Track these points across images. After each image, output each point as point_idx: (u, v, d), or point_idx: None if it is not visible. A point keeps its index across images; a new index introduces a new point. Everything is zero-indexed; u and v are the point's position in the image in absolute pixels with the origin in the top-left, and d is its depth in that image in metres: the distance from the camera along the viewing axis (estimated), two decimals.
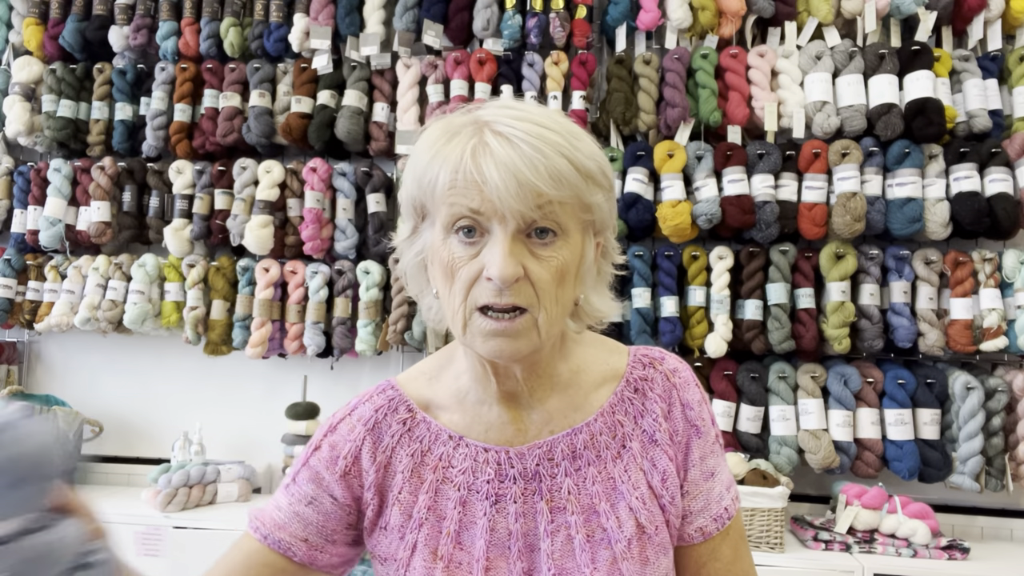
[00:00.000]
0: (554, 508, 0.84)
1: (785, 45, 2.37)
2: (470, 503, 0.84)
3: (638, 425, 0.87)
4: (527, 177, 0.71)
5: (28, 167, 2.68)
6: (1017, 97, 2.26)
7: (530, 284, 0.75)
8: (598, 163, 0.77)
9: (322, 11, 2.51)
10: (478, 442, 0.85)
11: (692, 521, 0.88)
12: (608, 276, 0.87)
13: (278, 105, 2.57)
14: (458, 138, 0.75)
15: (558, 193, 0.73)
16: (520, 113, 0.75)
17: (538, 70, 2.43)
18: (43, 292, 2.63)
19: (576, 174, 0.74)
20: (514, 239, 0.73)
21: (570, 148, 0.74)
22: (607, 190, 0.79)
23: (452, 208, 0.74)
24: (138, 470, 2.64)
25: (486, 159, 0.72)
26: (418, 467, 0.86)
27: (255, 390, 2.65)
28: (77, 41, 2.66)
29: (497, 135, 0.73)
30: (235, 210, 2.51)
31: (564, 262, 0.76)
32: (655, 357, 0.91)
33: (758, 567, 2.07)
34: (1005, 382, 2.16)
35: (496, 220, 0.73)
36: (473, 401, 0.87)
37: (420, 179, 0.77)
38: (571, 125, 0.77)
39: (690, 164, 2.30)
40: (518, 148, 0.72)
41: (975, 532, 2.26)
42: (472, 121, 0.76)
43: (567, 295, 0.78)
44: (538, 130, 0.73)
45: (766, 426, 2.25)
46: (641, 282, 2.28)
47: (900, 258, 2.22)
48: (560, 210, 0.74)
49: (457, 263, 0.76)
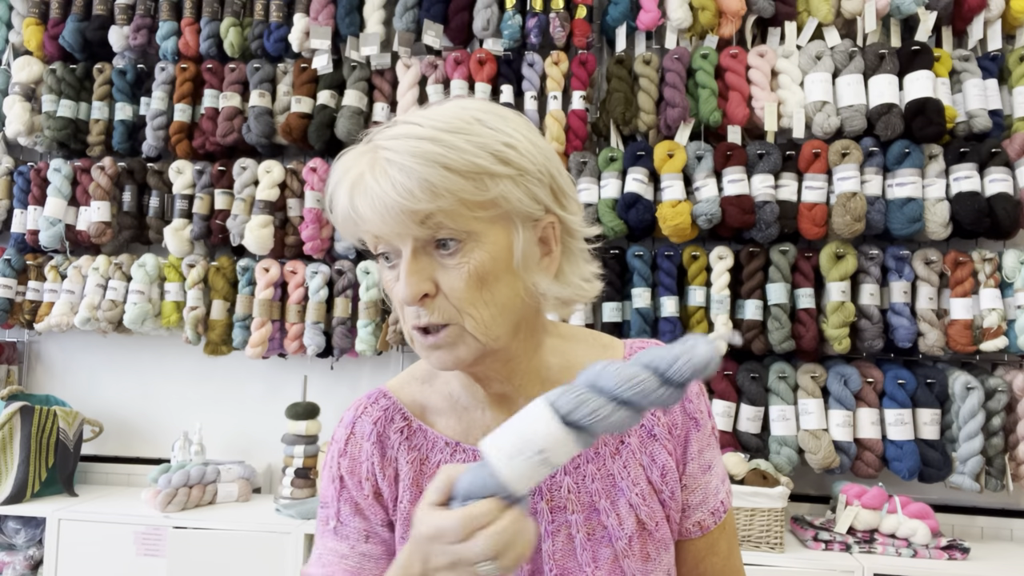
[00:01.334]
0: (554, 507, 0.83)
1: (785, 45, 2.37)
2: None
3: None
4: (393, 200, 0.69)
5: (28, 167, 2.68)
6: (1017, 97, 2.26)
7: (444, 297, 0.73)
8: (493, 152, 0.72)
9: (322, 11, 2.51)
10: (475, 447, 0.84)
11: (690, 515, 0.88)
12: (578, 252, 0.82)
13: (278, 105, 2.57)
14: (348, 174, 0.74)
15: (435, 204, 0.69)
16: (405, 129, 0.72)
17: (538, 70, 2.43)
18: (43, 292, 2.63)
19: (456, 178, 0.70)
20: (418, 256, 0.72)
21: (444, 153, 0.70)
22: (516, 174, 0.73)
23: (365, 236, 0.75)
24: (138, 470, 2.64)
25: (360, 197, 0.72)
26: (417, 476, 0.85)
27: (255, 390, 2.65)
28: (77, 41, 2.66)
29: (376, 164, 0.72)
30: (235, 210, 2.51)
31: (478, 264, 0.72)
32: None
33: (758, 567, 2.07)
34: (1005, 382, 2.16)
35: (398, 242, 0.73)
36: (466, 406, 0.86)
37: (334, 219, 0.77)
38: (457, 121, 0.73)
39: (690, 164, 2.30)
40: (387, 174, 0.70)
41: (975, 532, 2.26)
42: (370, 148, 0.74)
43: (499, 294, 0.74)
44: (412, 145, 0.70)
45: (766, 426, 2.25)
46: (641, 282, 2.28)
47: (900, 258, 2.22)
48: (448, 218, 0.71)
49: (389, 286, 0.77)
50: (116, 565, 2.17)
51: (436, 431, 0.86)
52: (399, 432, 0.86)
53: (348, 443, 0.87)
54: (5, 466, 2.34)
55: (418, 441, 0.86)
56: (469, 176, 0.71)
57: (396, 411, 0.87)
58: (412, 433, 0.86)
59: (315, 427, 2.40)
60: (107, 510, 2.25)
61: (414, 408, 0.88)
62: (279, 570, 2.11)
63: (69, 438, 2.47)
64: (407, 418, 0.87)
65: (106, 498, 2.42)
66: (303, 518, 2.18)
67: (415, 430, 0.86)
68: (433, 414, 0.87)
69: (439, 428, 0.86)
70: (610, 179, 2.31)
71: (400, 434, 0.86)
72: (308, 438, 2.38)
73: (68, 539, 2.20)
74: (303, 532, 2.12)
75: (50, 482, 2.41)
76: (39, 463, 2.38)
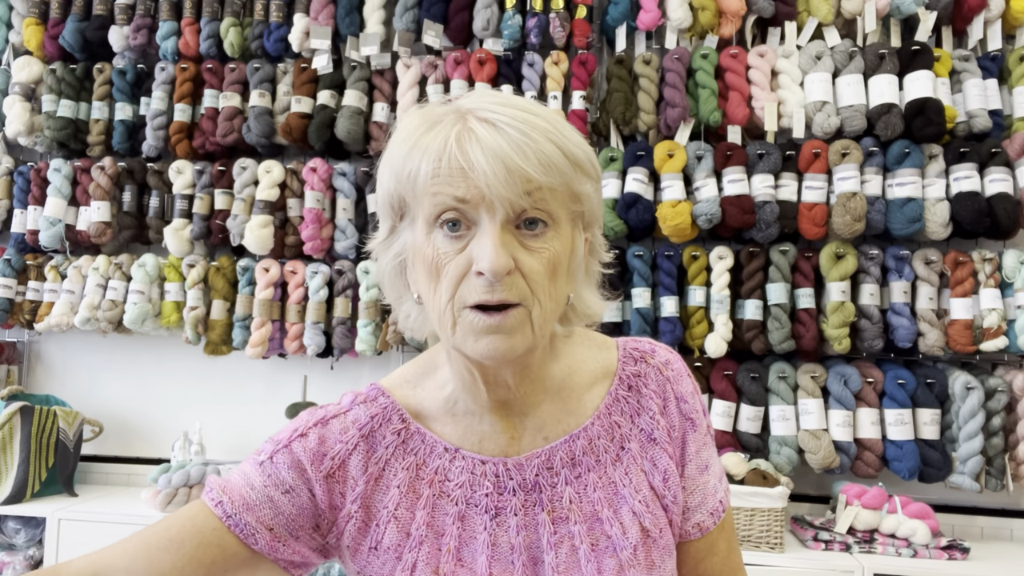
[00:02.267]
0: (556, 519, 0.80)
1: (785, 45, 2.37)
2: (469, 518, 0.80)
3: (635, 424, 0.85)
4: (516, 162, 0.68)
5: (28, 167, 2.68)
6: (1017, 97, 2.26)
7: (522, 277, 0.71)
8: (586, 152, 0.75)
9: (322, 11, 2.51)
10: (474, 454, 0.82)
11: (690, 517, 0.86)
12: (596, 275, 0.84)
13: (278, 105, 2.57)
14: (440, 126, 0.71)
15: (548, 179, 0.70)
16: (504, 99, 0.73)
17: (538, 70, 2.43)
18: (43, 292, 2.63)
19: (565, 161, 0.71)
20: (503, 230, 0.70)
21: (558, 134, 0.71)
22: (595, 180, 0.77)
23: (436, 199, 0.70)
24: (138, 470, 2.64)
25: (472, 144, 0.68)
26: (414, 481, 0.81)
27: (255, 390, 2.65)
28: (77, 41, 2.66)
29: (482, 121, 0.70)
30: (235, 210, 2.51)
31: (556, 254, 0.72)
32: (645, 351, 0.88)
33: (758, 567, 2.07)
34: (1005, 382, 2.16)
35: (484, 210, 0.69)
36: (463, 411, 0.83)
37: (399, 172, 0.73)
38: (556, 115, 0.75)
39: (690, 164, 2.30)
40: (505, 133, 0.69)
41: (975, 532, 2.26)
42: (453, 110, 0.73)
43: (560, 290, 0.75)
44: (524, 115, 0.70)
45: (766, 426, 2.25)
46: (641, 282, 2.28)
47: (900, 258, 2.22)
48: (551, 198, 0.71)
49: (443, 259, 0.71)
50: None
51: (434, 436, 0.83)
52: (396, 434, 0.82)
53: (335, 418, 0.83)
54: (5, 466, 2.34)
55: (415, 445, 0.82)
56: (574, 165, 0.72)
57: (394, 411, 0.83)
58: (409, 436, 0.83)
59: None
60: (107, 510, 2.25)
61: (410, 412, 0.84)
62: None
63: (69, 438, 2.47)
64: (405, 420, 0.83)
65: (106, 498, 2.42)
66: None
67: (412, 433, 0.83)
68: (428, 419, 0.84)
69: (436, 432, 0.83)
70: (610, 179, 2.31)
71: (397, 436, 0.82)
72: None
73: (68, 539, 2.20)
74: None
75: (50, 482, 2.41)
76: (39, 463, 2.38)
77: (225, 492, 0.79)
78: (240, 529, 0.77)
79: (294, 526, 0.79)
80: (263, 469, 0.80)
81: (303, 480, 0.80)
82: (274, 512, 0.79)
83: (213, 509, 0.78)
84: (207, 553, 0.76)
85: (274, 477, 0.79)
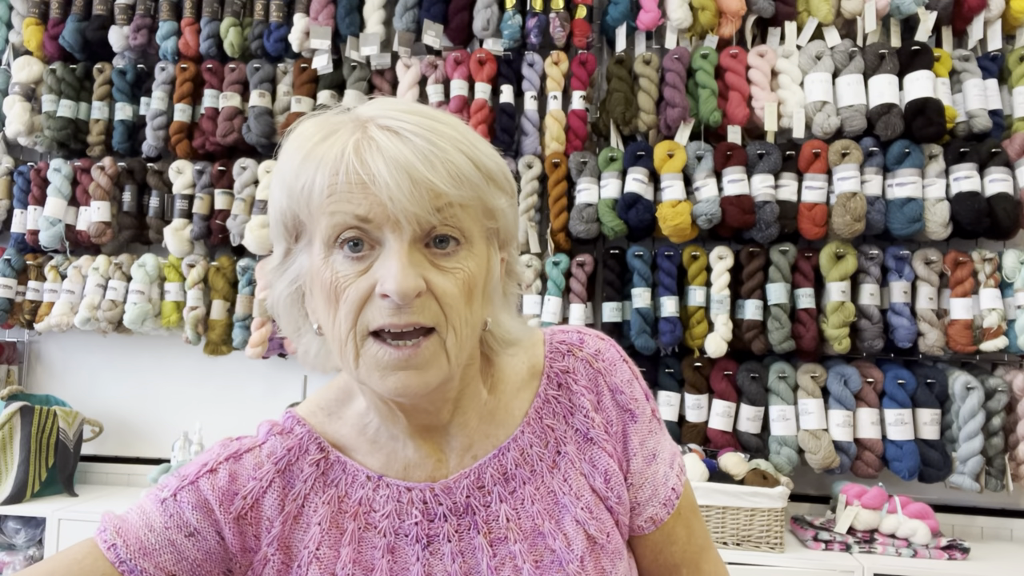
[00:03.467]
0: (494, 540, 0.75)
1: (785, 45, 2.37)
2: (399, 549, 0.74)
3: (569, 425, 0.79)
4: (422, 173, 0.62)
5: (28, 167, 2.68)
6: (1017, 97, 2.26)
7: (435, 299, 0.65)
8: (498, 164, 0.69)
9: (322, 11, 2.51)
10: (399, 481, 0.75)
11: (641, 512, 0.81)
12: (514, 298, 0.78)
13: (278, 105, 2.57)
14: (336, 135, 0.65)
15: (459, 193, 0.64)
16: (407, 106, 0.67)
17: (538, 70, 2.43)
18: (43, 292, 2.63)
19: (477, 173, 0.65)
20: (411, 248, 0.63)
21: (468, 144, 0.66)
22: (510, 195, 0.71)
23: (334, 218, 0.63)
24: (138, 470, 2.64)
25: (372, 154, 0.62)
26: (336, 515, 0.74)
27: (255, 390, 2.65)
28: (77, 41, 2.66)
29: (384, 129, 0.64)
30: (235, 210, 2.51)
31: (471, 274, 0.66)
32: (572, 343, 0.82)
33: (758, 567, 2.07)
34: (1005, 382, 2.16)
35: (388, 228, 0.63)
36: (384, 438, 0.77)
37: (291, 186, 0.66)
38: (464, 124, 0.69)
39: (690, 164, 2.30)
40: (409, 142, 0.63)
41: (975, 532, 2.26)
42: (352, 118, 0.66)
43: (475, 314, 0.68)
44: (430, 123, 0.65)
45: (766, 426, 2.25)
46: (641, 282, 2.28)
47: (900, 258, 2.22)
48: (462, 214, 0.65)
49: (343, 282, 0.64)
50: None
51: (356, 463, 0.76)
52: (314, 465, 0.76)
53: (249, 452, 0.76)
54: (5, 466, 2.34)
55: (335, 476, 0.76)
56: (486, 178, 0.67)
57: (312, 440, 0.77)
58: (329, 467, 0.76)
59: None
60: (107, 510, 2.25)
61: (328, 440, 0.78)
62: None
63: (69, 438, 2.47)
64: (324, 449, 0.77)
65: (106, 498, 2.42)
66: None
67: (332, 463, 0.76)
68: (348, 449, 0.77)
69: (358, 461, 0.77)
70: (610, 179, 2.31)
71: (315, 467, 0.76)
72: None
73: (68, 539, 2.20)
74: None
75: (50, 482, 2.41)
76: (39, 463, 2.38)
77: (120, 534, 0.71)
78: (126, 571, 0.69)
79: (199, 572, 0.72)
80: (165, 508, 0.73)
81: (210, 522, 0.73)
82: (176, 558, 0.71)
83: (105, 553, 0.70)
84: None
85: (176, 518, 0.72)
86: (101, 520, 0.73)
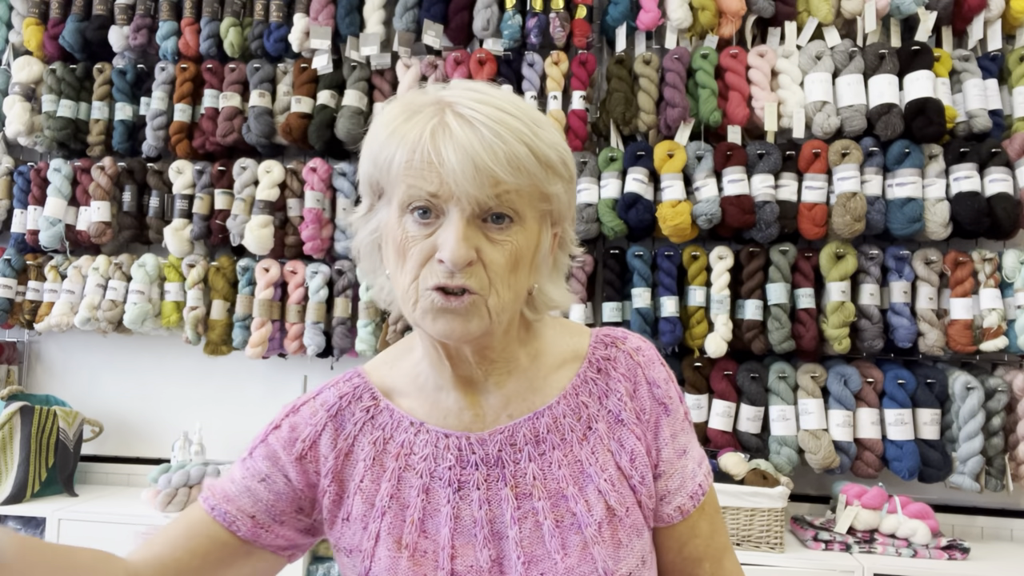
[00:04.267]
0: (519, 494, 0.82)
1: (785, 45, 2.37)
2: (433, 490, 0.83)
3: (603, 405, 0.86)
4: (485, 162, 0.70)
5: (28, 167, 2.68)
6: (1017, 97, 2.26)
7: (483, 267, 0.74)
8: (559, 153, 0.77)
9: (322, 11, 2.51)
10: (439, 428, 0.85)
11: (670, 501, 0.86)
12: (564, 267, 0.87)
13: (278, 105, 2.57)
14: (418, 117, 0.74)
15: (515, 181, 0.72)
16: (484, 96, 0.74)
17: (538, 70, 2.43)
18: (43, 292, 2.63)
19: (535, 162, 0.74)
20: (469, 223, 0.73)
21: (531, 135, 0.73)
22: (567, 181, 0.79)
23: (409, 189, 0.74)
24: (138, 470, 2.64)
25: (445, 141, 0.71)
26: (380, 455, 0.85)
27: (255, 390, 2.65)
28: (77, 41, 2.66)
29: (458, 117, 0.72)
30: (235, 210, 2.51)
31: (518, 248, 0.76)
32: (617, 336, 0.90)
33: (758, 567, 2.07)
34: (1005, 382, 2.16)
35: (452, 204, 0.73)
36: (431, 387, 0.87)
37: (376, 157, 0.77)
38: (535, 113, 0.77)
39: (690, 164, 2.30)
40: (478, 132, 0.71)
41: (975, 532, 2.26)
42: (435, 101, 0.75)
43: (520, 282, 0.78)
44: (500, 115, 0.73)
45: (766, 426, 2.25)
46: (641, 282, 2.28)
47: (900, 258, 2.22)
48: (517, 197, 0.74)
49: (410, 243, 0.75)
50: None
51: (402, 411, 0.87)
52: (365, 411, 0.87)
53: (305, 404, 0.89)
54: (5, 466, 2.34)
55: (383, 420, 0.87)
56: (544, 166, 0.75)
57: (366, 390, 0.89)
58: (378, 412, 0.87)
59: None
60: (107, 510, 2.25)
61: (383, 389, 0.89)
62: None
63: (69, 438, 2.47)
64: (375, 397, 0.88)
65: (106, 498, 2.42)
66: None
67: (381, 409, 0.87)
68: (399, 395, 0.88)
69: (404, 408, 0.87)
70: (610, 179, 2.31)
71: (366, 412, 0.87)
72: None
73: (68, 539, 2.20)
74: None
75: (50, 482, 2.41)
76: (39, 463, 2.38)
77: (211, 489, 0.87)
78: (223, 518, 0.84)
79: (275, 511, 0.85)
80: (244, 465, 0.88)
81: (278, 467, 0.86)
82: (253, 500, 0.85)
83: (201, 504, 0.86)
84: (200, 544, 0.83)
85: (251, 469, 0.87)
86: (203, 486, 0.90)
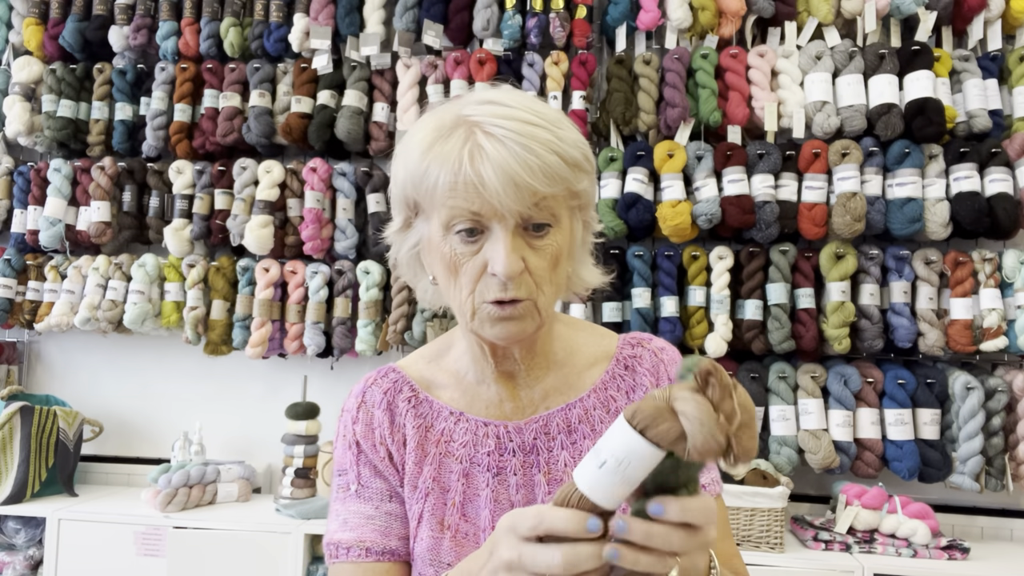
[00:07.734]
0: (551, 480, 0.88)
1: (785, 45, 2.37)
2: (473, 475, 0.89)
3: (630, 399, 0.91)
4: (523, 179, 0.74)
5: (28, 167, 2.68)
6: (1017, 97, 2.26)
7: (530, 274, 0.79)
8: (582, 149, 0.81)
9: (322, 11, 2.51)
10: (478, 417, 0.90)
11: None
12: (590, 245, 0.91)
13: (278, 105, 2.57)
14: (452, 140, 0.78)
15: (552, 189, 0.77)
16: (505, 110, 0.78)
17: (538, 70, 2.43)
18: (43, 292, 2.63)
19: (565, 167, 0.77)
20: (514, 235, 0.77)
21: (557, 142, 0.77)
22: (590, 173, 0.84)
23: (453, 210, 0.77)
24: (138, 470, 2.64)
25: (483, 163, 0.75)
26: (422, 441, 0.90)
27: (255, 390, 2.65)
28: (77, 41, 2.66)
29: (489, 136, 0.76)
30: (235, 210, 2.51)
31: (558, 248, 0.81)
32: (643, 337, 0.96)
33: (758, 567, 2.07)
34: (1005, 382, 2.16)
35: (496, 220, 0.77)
36: (472, 381, 0.92)
37: (415, 178, 0.80)
38: (551, 112, 0.80)
39: (690, 164, 2.30)
40: (510, 149, 0.75)
41: (975, 532, 2.26)
42: (462, 121, 0.79)
43: (561, 276, 0.83)
44: (526, 128, 0.76)
45: (766, 426, 2.25)
46: (641, 282, 2.28)
47: (900, 258, 2.22)
48: (553, 203, 0.78)
49: (460, 259, 0.80)
50: (116, 565, 2.17)
51: (441, 402, 0.92)
52: (407, 401, 0.92)
53: (360, 410, 0.93)
54: (5, 466, 2.34)
55: (423, 410, 0.92)
56: (573, 168, 0.79)
57: (404, 383, 0.93)
58: (419, 403, 0.92)
59: (315, 427, 2.40)
60: (107, 510, 2.25)
61: (420, 382, 0.94)
62: (279, 570, 2.11)
63: (69, 438, 2.47)
64: (414, 390, 0.93)
65: (106, 498, 2.42)
66: (303, 518, 2.18)
67: (421, 400, 0.92)
68: (438, 388, 0.93)
69: (444, 399, 0.92)
70: (610, 179, 2.31)
71: (408, 403, 0.92)
72: (308, 438, 2.38)
73: (68, 539, 2.20)
74: (303, 532, 2.12)
75: (50, 482, 2.41)
76: (39, 463, 2.38)
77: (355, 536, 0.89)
78: (393, 555, 0.89)
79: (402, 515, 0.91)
80: (361, 496, 0.91)
81: (387, 480, 0.91)
82: (399, 521, 0.90)
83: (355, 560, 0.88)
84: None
85: (375, 495, 0.91)
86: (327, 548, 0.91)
